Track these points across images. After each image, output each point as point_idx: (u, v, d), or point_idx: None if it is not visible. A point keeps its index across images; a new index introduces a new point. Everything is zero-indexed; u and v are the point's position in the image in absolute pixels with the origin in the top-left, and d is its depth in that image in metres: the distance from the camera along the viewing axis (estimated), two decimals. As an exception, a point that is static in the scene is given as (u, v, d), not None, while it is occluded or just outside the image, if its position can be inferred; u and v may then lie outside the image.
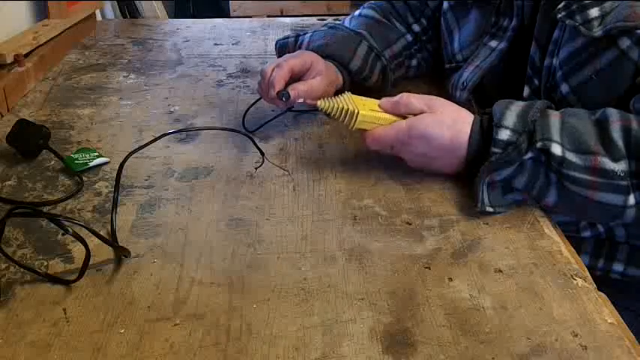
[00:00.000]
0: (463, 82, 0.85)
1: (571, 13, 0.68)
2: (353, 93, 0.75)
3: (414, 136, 0.69)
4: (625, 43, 0.65)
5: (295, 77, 0.82)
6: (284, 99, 0.78)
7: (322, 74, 0.82)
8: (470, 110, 0.72)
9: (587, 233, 0.79)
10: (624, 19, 0.64)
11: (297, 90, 0.79)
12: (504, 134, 0.63)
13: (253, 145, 0.75)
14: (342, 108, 0.72)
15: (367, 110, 0.72)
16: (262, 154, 0.74)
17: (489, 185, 0.66)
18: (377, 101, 0.74)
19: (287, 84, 0.80)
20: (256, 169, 0.75)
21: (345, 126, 0.73)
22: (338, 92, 0.89)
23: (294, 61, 0.81)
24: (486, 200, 0.66)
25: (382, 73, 0.92)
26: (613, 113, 0.63)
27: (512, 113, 0.65)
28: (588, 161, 0.61)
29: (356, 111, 0.71)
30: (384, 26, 0.97)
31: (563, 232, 0.67)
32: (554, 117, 0.64)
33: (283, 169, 0.75)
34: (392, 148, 0.72)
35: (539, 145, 0.62)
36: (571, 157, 0.62)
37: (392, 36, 0.97)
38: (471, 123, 0.69)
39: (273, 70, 0.79)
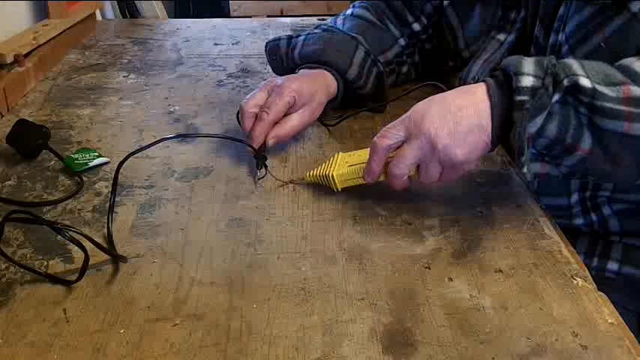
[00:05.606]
0: (474, 77, 0.84)
1: None
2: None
3: (421, 110, 0.63)
4: (637, 5, 0.65)
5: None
6: (258, 168, 0.75)
7: (307, 103, 0.80)
8: None
9: (580, 220, 0.78)
10: None
11: (278, 137, 0.77)
12: (527, 81, 0.59)
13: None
14: (322, 175, 0.70)
15: (345, 168, 0.69)
16: (265, 167, 0.74)
17: (528, 141, 0.61)
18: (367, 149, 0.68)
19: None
20: (259, 179, 0.74)
21: (334, 190, 0.71)
22: (331, 102, 0.87)
23: (278, 108, 0.76)
24: (528, 158, 0.61)
25: (377, 79, 0.89)
26: (629, 59, 0.62)
27: (528, 62, 0.61)
28: (620, 92, 0.58)
29: (330, 174, 0.69)
30: (378, 29, 0.95)
31: (555, 219, 0.67)
32: (571, 60, 0.62)
33: (283, 182, 0.74)
34: (414, 163, 0.64)
35: (566, 82, 0.59)
36: (601, 88, 0.59)
37: (386, 41, 0.95)
38: (480, 84, 0.63)
39: (254, 115, 0.76)
